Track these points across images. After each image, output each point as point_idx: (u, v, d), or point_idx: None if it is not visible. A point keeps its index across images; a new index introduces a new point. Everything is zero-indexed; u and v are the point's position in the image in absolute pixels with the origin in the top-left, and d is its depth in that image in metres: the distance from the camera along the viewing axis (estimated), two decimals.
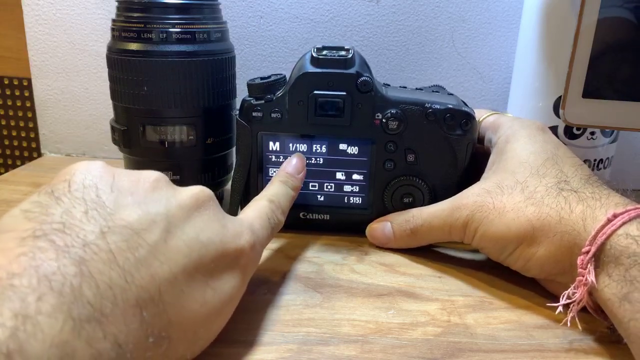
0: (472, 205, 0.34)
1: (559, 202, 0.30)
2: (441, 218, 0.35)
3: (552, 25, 0.43)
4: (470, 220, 0.33)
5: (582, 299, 0.28)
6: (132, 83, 0.39)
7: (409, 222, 0.37)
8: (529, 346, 0.28)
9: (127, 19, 0.38)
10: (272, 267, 0.36)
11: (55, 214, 0.20)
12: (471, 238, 0.34)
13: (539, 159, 0.34)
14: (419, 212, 0.37)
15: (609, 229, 0.27)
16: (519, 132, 0.36)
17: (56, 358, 0.17)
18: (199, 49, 0.39)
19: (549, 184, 0.32)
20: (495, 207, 0.32)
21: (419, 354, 0.27)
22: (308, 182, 0.40)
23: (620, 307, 0.26)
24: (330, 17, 0.54)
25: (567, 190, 0.31)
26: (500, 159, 0.36)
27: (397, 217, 0.38)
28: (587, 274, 0.27)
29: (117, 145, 0.41)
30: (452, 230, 0.35)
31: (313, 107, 0.37)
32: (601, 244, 0.27)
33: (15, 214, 0.20)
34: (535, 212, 0.31)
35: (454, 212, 0.34)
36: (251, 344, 0.28)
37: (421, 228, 0.36)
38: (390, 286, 0.34)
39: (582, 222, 0.29)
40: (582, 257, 0.28)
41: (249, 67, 0.55)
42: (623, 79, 0.38)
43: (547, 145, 0.35)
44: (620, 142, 0.48)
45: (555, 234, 0.30)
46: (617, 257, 0.27)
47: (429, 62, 0.55)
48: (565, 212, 0.30)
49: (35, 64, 0.56)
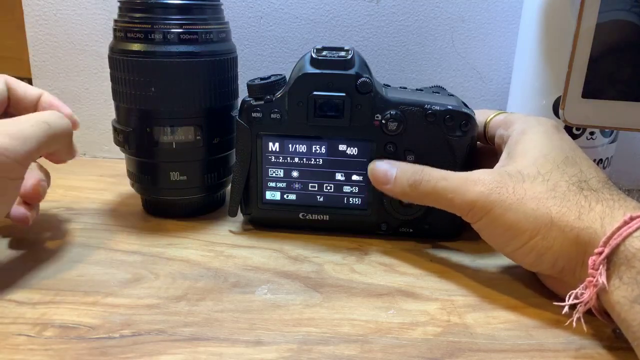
0: (489, 182, 0.32)
1: (579, 199, 0.30)
2: (450, 183, 0.34)
3: (551, 25, 0.44)
4: (482, 198, 0.32)
5: (590, 300, 0.28)
6: (135, 84, 0.39)
7: (415, 174, 0.35)
8: (528, 346, 0.28)
9: (130, 19, 0.38)
10: (272, 267, 0.36)
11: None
12: (476, 218, 0.33)
13: (560, 155, 0.33)
14: (429, 169, 0.35)
15: (625, 230, 0.27)
16: (536, 127, 0.35)
17: None
18: (203, 50, 0.39)
19: (570, 181, 0.31)
20: (515, 193, 0.31)
21: (419, 354, 0.27)
22: (308, 183, 0.40)
23: (631, 310, 0.26)
24: (330, 17, 0.54)
25: (587, 189, 0.31)
26: (517, 149, 0.34)
27: (407, 165, 0.37)
28: (598, 275, 0.27)
29: (121, 146, 0.41)
30: (455, 200, 0.33)
31: (313, 108, 0.38)
32: (615, 246, 0.27)
33: None
34: (555, 205, 0.30)
35: (467, 183, 0.33)
36: (251, 344, 0.28)
37: (425, 185, 0.35)
38: (390, 286, 0.34)
39: (600, 220, 0.29)
40: (595, 258, 0.27)
41: (249, 67, 0.55)
42: (623, 79, 0.38)
43: (564, 144, 0.34)
44: (620, 142, 0.48)
45: (572, 229, 0.29)
46: (629, 259, 0.26)
47: (429, 63, 0.55)
48: (585, 209, 0.29)
49: (35, 64, 0.57)
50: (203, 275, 0.35)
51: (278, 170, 0.40)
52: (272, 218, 0.41)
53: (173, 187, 0.42)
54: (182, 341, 0.28)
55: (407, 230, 0.41)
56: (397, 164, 0.37)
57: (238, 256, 0.37)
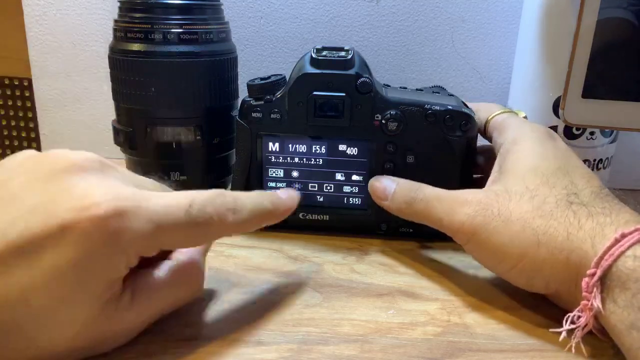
0: (476, 204, 0.31)
1: (568, 216, 0.29)
2: (441, 204, 0.33)
3: (551, 25, 0.44)
4: (469, 221, 0.31)
5: (588, 324, 0.27)
6: (135, 84, 0.39)
7: (411, 192, 0.35)
8: (528, 346, 0.28)
9: (130, 19, 0.38)
10: (272, 267, 0.36)
11: None
12: (464, 240, 0.32)
13: (550, 166, 0.32)
14: (425, 187, 0.35)
15: (617, 250, 0.25)
16: (527, 135, 0.34)
17: None
18: (203, 50, 0.39)
19: (558, 196, 0.30)
20: (500, 214, 0.30)
21: (419, 354, 0.27)
22: (308, 183, 0.40)
23: (628, 336, 0.24)
24: (330, 17, 0.54)
25: (577, 203, 0.29)
26: (507, 162, 0.34)
27: (405, 183, 0.36)
28: (592, 298, 0.26)
29: (121, 146, 0.41)
30: (443, 221, 0.33)
31: (312, 108, 0.38)
32: (607, 267, 0.25)
33: None
34: (542, 225, 0.29)
35: (454, 204, 0.33)
36: (251, 344, 0.28)
37: (418, 203, 0.35)
38: (390, 286, 0.34)
39: (590, 240, 0.27)
40: (587, 280, 0.26)
41: (249, 67, 0.55)
42: (623, 79, 0.38)
43: (557, 152, 0.33)
44: (620, 142, 0.48)
45: (561, 251, 0.28)
46: (623, 281, 0.25)
47: (429, 63, 0.55)
48: (574, 227, 0.28)
49: (35, 64, 0.56)
50: None
51: (278, 170, 0.40)
52: None
53: (173, 187, 0.42)
54: (182, 341, 0.28)
55: (407, 230, 0.41)
56: (397, 181, 0.37)
57: (238, 256, 0.37)
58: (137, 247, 0.24)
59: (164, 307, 0.27)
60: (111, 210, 0.22)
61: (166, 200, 0.25)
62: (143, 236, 0.23)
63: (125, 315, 0.25)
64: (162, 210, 0.24)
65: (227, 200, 0.27)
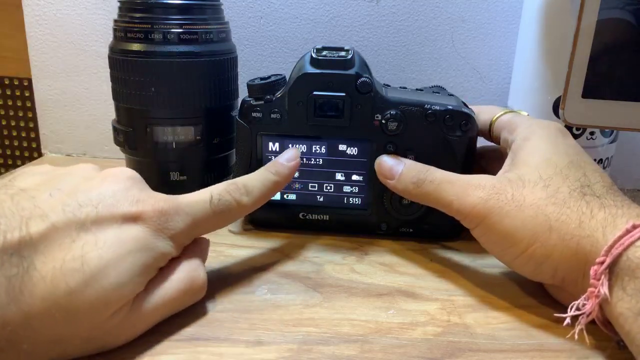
0: (489, 187, 0.32)
1: (581, 205, 0.29)
2: (453, 186, 0.33)
3: (551, 25, 0.44)
4: (481, 204, 0.31)
5: (593, 312, 0.27)
6: (135, 84, 0.39)
7: (420, 173, 0.35)
8: (528, 346, 0.28)
9: (130, 19, 0.38)
10: (272, 267, 0.36)
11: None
12: (474, 224, 0.32)
13: (563, 160, 0.32)
14: (434, 169, 0.35)
15: (627, 239, 0.26)
16: (539, 131, 0.35)
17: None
18: (203, 50, 0.39)
19: (572, 186, 0.30)
20: (513, 199, 0.30)
21: (419, 354, 0.27)
22: (308, 183, 0.40)
23: (635, 323, 0.25)
24: (330, 17, 0.54)
25: (590, 194, 0.30)
26: (520, 155, 0.34)
27: (413, 164, 0.36)
28: (599, 285, 0.26)
29: (121, 146, 0.41)
30: (454, 203, 0.33)
31: (312, 108, 0.38)
32: (617, 255, 0.26)
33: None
34: (555, 211, 0.29)
35: (467, 187, 0.32)
36: (251, 344, 0.28)
37: (427, 185, 0.34)
38: (390, 286, 0.34)
39: (602, 229, 0.27)
40: (596, 268, 0.26)
41: (249, 67, 0.55)
42: (623, 79, 0.38)
43: (569, 148, 0.33)
44: (620, 142, 0.48)
45: (572, 237, 0.28)
46: (633, 269, 0.25)
47: (429, 63, 0.55)
48: (586, 216, 0.28)
49: (35, 64, 0.57)
50: None
51: None
52: (272, 218, 0.41)
53: (173, 187, 0.42)
54: (182, 341, 0.28)
55: (407, 230, 0.41)
56: (405, 161, 0.37)
57: (238, 256, 0.37)
58: (181, 238, 0.29)
59: (167, 312, 0.29)
60: (157, 211, 0.28)
61: (192, 199, 0.30)
62: (183, 229, 0.29)
63: (141, 313, 0.27)
64: (192, 206, 0.29)
65: (239, 185, 0.32)
